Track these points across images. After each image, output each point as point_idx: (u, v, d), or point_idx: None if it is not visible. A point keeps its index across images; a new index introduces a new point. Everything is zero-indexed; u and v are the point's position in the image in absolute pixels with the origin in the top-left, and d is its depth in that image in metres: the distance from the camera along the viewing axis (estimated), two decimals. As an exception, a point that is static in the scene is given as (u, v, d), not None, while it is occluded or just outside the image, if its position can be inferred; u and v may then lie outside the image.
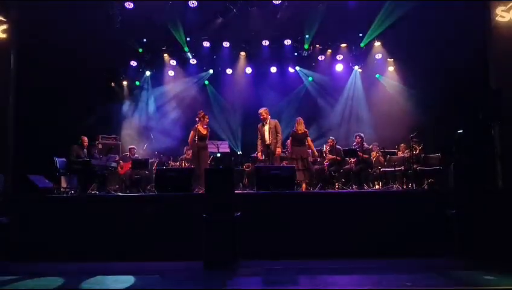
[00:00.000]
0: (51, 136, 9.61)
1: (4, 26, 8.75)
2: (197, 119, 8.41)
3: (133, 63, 12.13)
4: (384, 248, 5.63)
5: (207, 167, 8.03)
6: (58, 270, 5.12)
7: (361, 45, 11.53)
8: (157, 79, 12.60)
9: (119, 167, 9.90)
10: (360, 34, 11.40)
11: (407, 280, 4.42)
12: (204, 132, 8.36)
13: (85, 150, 8.52)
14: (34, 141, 9.49)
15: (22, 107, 9.09)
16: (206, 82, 12.86)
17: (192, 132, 8.34)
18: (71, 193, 8.17)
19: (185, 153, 10.40)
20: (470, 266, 4.96)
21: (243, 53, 12.22)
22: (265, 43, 11.75)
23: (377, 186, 9.31)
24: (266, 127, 8.22)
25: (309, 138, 8.67)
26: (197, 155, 8.30)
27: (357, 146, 9.10)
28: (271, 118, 8.38)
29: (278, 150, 8.12)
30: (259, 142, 8.37)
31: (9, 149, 8.65)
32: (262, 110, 8.35)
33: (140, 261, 5.58)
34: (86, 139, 8.57)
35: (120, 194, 8.51)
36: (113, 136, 11.25)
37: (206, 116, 8.49)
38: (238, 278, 4.80)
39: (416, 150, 8.99)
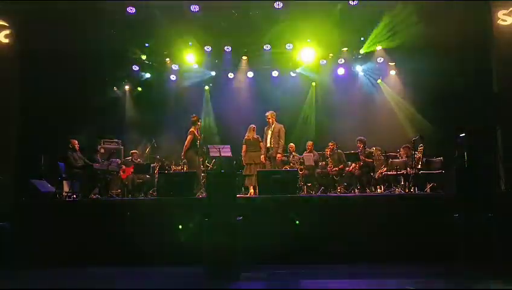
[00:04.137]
0: (53, 140, 9.61)
1: (7, 31, 8.81)
2: (198, 123, 8.44)
3: (135, 68, 12.16)
4: (387, 252, 5.61)
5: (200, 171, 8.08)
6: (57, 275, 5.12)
7: (363, 51, 11.56)
8: (159, 83, 12.62)
9: (121, 171, 9.89)
10: (362, 38, 11.40)
11: (410, 284, 4.40)
12: (199, 136, 8.44)
13: (78, 152, 8.50)
14: (36, 145, 9.49)
15: (25, 111, 9.12)
16: (207, 87, 12.86)
17: (189, 136, 8.32)
18: (73, 197, 8.17)
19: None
20: (475, 270, 4.92)
21: (244, 57, 12.23)
22: (267, 47, 11.75)
23: (379, 190, 9.27)
24: (270, 131, 8.23)
25: (261, 143, 8.57)
26: (195, 159, 8.33)
27: (359, 150, 9.11)
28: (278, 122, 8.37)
29: (278, 155, 8.14)
30: (261, 144, 8.38)
31: (12, 153, 8.67)
32: (268, 114, 8.38)
33: (142, 266, 5.57)
34: (75, 141, 8.54)
35: (122, 198, 8.51)
36: (115, 140, 11.26)
37: (200, 120, 8.54)
38: (240, 283, 4.78)
39: (418, 153, 8.95)
